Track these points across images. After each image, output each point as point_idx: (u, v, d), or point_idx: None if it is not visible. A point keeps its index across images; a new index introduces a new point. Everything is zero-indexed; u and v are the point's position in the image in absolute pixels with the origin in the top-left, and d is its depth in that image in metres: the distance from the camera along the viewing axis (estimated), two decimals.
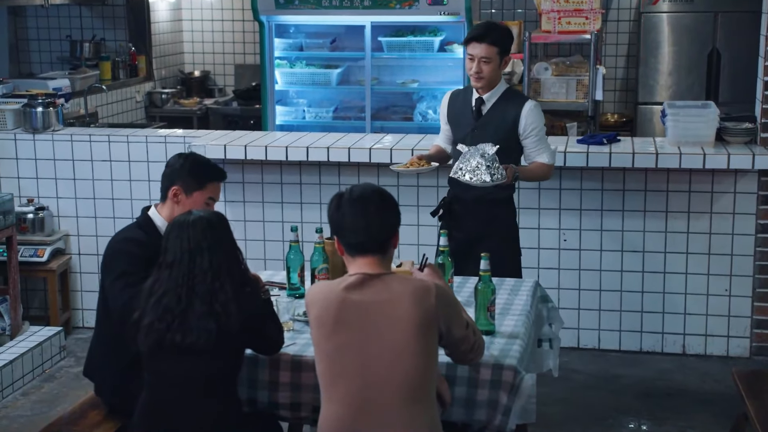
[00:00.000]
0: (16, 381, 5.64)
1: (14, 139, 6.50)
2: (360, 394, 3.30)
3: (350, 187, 3.46)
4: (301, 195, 6.21)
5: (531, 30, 7.94)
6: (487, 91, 4.95)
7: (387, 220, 3.40)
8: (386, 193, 3.46)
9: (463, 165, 4.66)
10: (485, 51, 4.84)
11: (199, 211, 3.62)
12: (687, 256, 5.94)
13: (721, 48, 8.80)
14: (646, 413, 5.32)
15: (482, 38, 4.84)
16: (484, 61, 4.85)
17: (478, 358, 3.53)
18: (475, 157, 4.62)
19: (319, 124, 8.18)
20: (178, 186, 4.07)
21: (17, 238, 6.07)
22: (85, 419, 4.13)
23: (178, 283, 3.47)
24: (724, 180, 5.82)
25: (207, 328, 3.43)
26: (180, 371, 3.50)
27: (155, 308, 3.47)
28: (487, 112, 4.97)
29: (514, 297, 4.37)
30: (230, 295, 3.46)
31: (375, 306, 3.31)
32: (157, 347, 3.48)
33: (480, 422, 3.63)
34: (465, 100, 5.05)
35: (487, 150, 4.64)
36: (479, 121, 4.97)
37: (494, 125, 4.92)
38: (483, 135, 4.88)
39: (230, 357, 3.55)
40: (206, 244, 3.49)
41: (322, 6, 7.84)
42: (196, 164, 4.15)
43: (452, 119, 5.10)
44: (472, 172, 4.62)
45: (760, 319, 5.93)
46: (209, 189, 4.11)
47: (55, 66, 9.42)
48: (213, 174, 4.15)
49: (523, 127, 4.91)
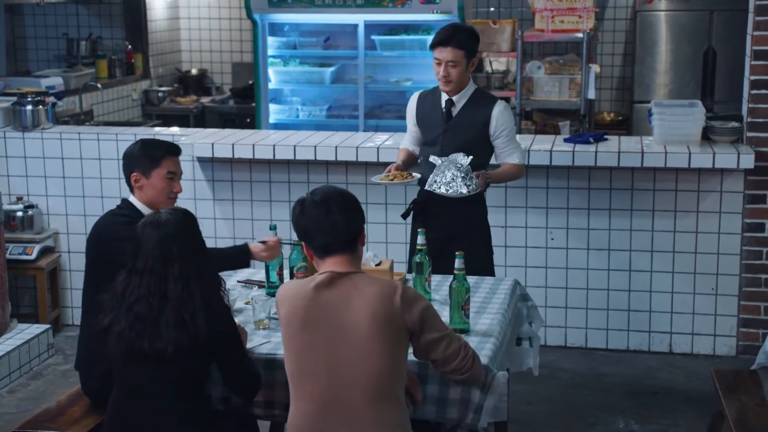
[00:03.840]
0: (3, 378, 5.66)
1: (4, 137, 6.52)
2: (327, 392, 3.32)
3: (311, 191, 3.49)
4: (290, 193, 6.22)
5: (525, 28, 7.94)
6: (456, 93, 4.96)
7: (352, 220, 3.43)
8: (347, 193, 3.49)
9: (438, 178, 4.68)
10: (452, 55, 4.83)
11: (168, 212, 3.60)
12: (673, 255, 5.93)
13: (716, 46, 8.80)
14: (630, 412, 5.32)
15: (448, 42, 4.83)
16: (451, 65, 4.84)
17: (474, 370, 3.48)
18: (450, 169, 4.65)
19: (312, 122, 8.20)
20: (137, 172, 4.18)
21: (6, 236, 6.10)
22: (64, 415, 4.16)
23: (150, 291, 3.47)
24: (710, 179, 5.81)
25: (176, 337, 3.43)
26: (149, 375, 3.50)
27: (126, 315, 3.47)
28: (457, 113, 4.98)
29: (492, 296, 4.37)
30: (199, 305, 3.46)
31: (341, 305, 3.33)
32: (127, 354, 3.49)
33: (452, 420, 3.63)
34: (434, 101, 5.05)
35: (461, 161, 4.66)
36: (450, 122, 4.98)
37: (465, 126, 4.95)
38: (454, 136, 4.92)
39: (199, 363, 3.54)
40: (176, 249, 3.47)
41: (315, 4, 7.86)
42: (147, 145, 4.26)
43: (421, 121, 5.09)
44: (448, 185, 4.65)
45: (747, 318, 5.93)
46: (165, 164, 4.19)
47: (52, 64, 9.45)
48: (165, 149, 4.25)
49: (494, 128, 4.94)
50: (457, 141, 4.88)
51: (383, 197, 6.09)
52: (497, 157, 5.01)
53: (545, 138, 6.23)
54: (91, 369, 4.15)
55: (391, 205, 6.10)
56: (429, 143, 5.04)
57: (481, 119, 4.94)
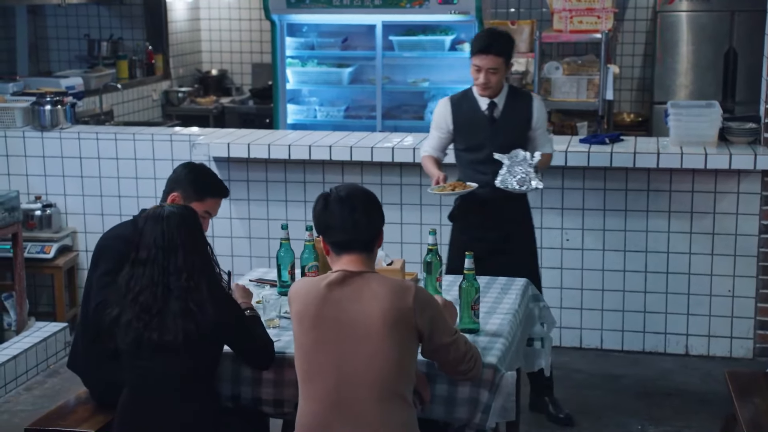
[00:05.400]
0: (20, 376, 5.71)
1: (23, 136, 6.58)
2: (335, 390, 3.33)
3: (336, 186, 3.51)
4: (305, 193, 6.23)
5: (544, 29, 7.93)
6: (496, 95, 5.00)
7: (373, 219, 3.45)
8: (371, 193, 3.52)
9: (509, 176, 4.80)
10: (492, 62, 4.88)
11: (172, 206, 3.64)
12: (690, 257, 5.90)
13: (737, 47, 8.74)
14: (644, 413, 5.30)
15: (488, 50, 4.87)
16: (492, 72, 4.89)
17: (474, 371, 3.51)
18: (522, 166, 4.79)
19: (330, 122, 8.21)
20: (178, 193, 4.09)
21: (25, 235, 6.15)
22: (74, 414, 4.18)
23: (153, 280, 3.49)
24: (727, 180, 5.78)
25: (183, 327, 3.45)
26: (158, 369, 3.53)
27: (132, 306, 3.50)
28: (500, 114, 5.01)
29: (504, 296, 4.37)
30: (205, 295, 3.49)
31: (353, 304, 3.34)
32: (136, 346, 3.51)
33: (460, 420, 3.63)
34: (472, 105, 5.05)
35: (529, 158, 4.80)
36: (495, 124, 5.00)
37: (510, 125, 5.01)
38: (500, 136, 4.96)
39: (208, 355, 3.57)
40: (180, 241, 3.51)
41: (333, 5, 7.86)
42: (200, 176, 4.16)
43: (462, 127, 5.07)
44: (521, 182, 4.79)
45: (764, 320, 5.89)
46: (207, 203, 4.11)
47: (73, 65, 9.52)
48: (214, 189, 4.16)
49: (535, 121, 5.04)
50: (503, 140, 4.93)
51: (398, 197, 6.10)
52: (531, 150, 4.99)
53: (561, 139, 6.21)
54: (87, 368, 4.18)
55: (406, 206, 6.10)
56: (471, 148, 5.05)
57: (525, 115, 5.02)
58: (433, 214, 6.05)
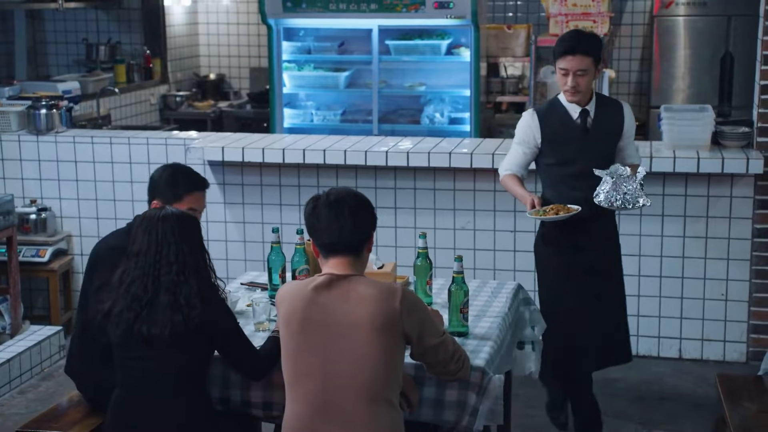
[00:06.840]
0: (14, 379, 5.72)
1: (18, 140, 6.59)
2: (321, 394, 3.34)
3: (328, 189, 3.52)
4: (300, 197, 6.24)
5: (540, 33, 7.93)
6: (586, 102, 4.72)
7: (361, 223, 3.45)
8: (363, 197, 3.52)
9: (614, 193, 4.50)
10: (580, 63, 4.58)
11: (171, 208, 3.68)
12: (683, 261, 5.91)
13: (734, 52, 8.76)
14: (637, 417, 5.31)
15: (575, 50, 4.57)
16: (580, 74, 4.59)
17: (463, 372, 3.52)
18: (629, 182, 4.48)
19: (327, 126, 8.20)
20: (158, 200, 4.06)
21: (20, 239, 6.16)
22: (66, 416, 4.19)
23: (144, 272, 3.55)
24: (719, 184, 5.79)
25: (172, 320, 3.49)
26: (149, 365, 3.56)
27: (124, 297, 3.55)
28: (592, 123, 4.73)
29: (494, 299, 4.38)
30: (195, 290, 3.52)
31: (339, 307, 3.35)
32: (126, 338, 3.55)
33: (448, 423, 3.64)
34: (562, 117, 4.73)
35: (636, 173, 4.54)
36: (588, 134, 4.72)
37: (604, 135, 4.75)
38: (592, 148, 4.70)
39: (197, 353, 3.59)
40: (173, 238, 3.56)
41: (330, 9, 7.87)
42: (173, 176, 4.12)
43: (552, 140, 4.72)
44: (629, 201, 4.50)
45: (757, 323, 5.90)
46: (187, 200, 4.07)
47: (71, 69, 9.54)
48: (190, 185, 4.12)
49: (626, 130, 4.81)
50: (596, 152, 4.68)
51: (392, 201, 6.11)
52: (621, 161, 4.74)
53: None
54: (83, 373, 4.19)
55: (400, 210, 6.11)
56: (562, 162, 4.72)
57: (618, 124, 4.77)
58: (427, 218, 6.06)
